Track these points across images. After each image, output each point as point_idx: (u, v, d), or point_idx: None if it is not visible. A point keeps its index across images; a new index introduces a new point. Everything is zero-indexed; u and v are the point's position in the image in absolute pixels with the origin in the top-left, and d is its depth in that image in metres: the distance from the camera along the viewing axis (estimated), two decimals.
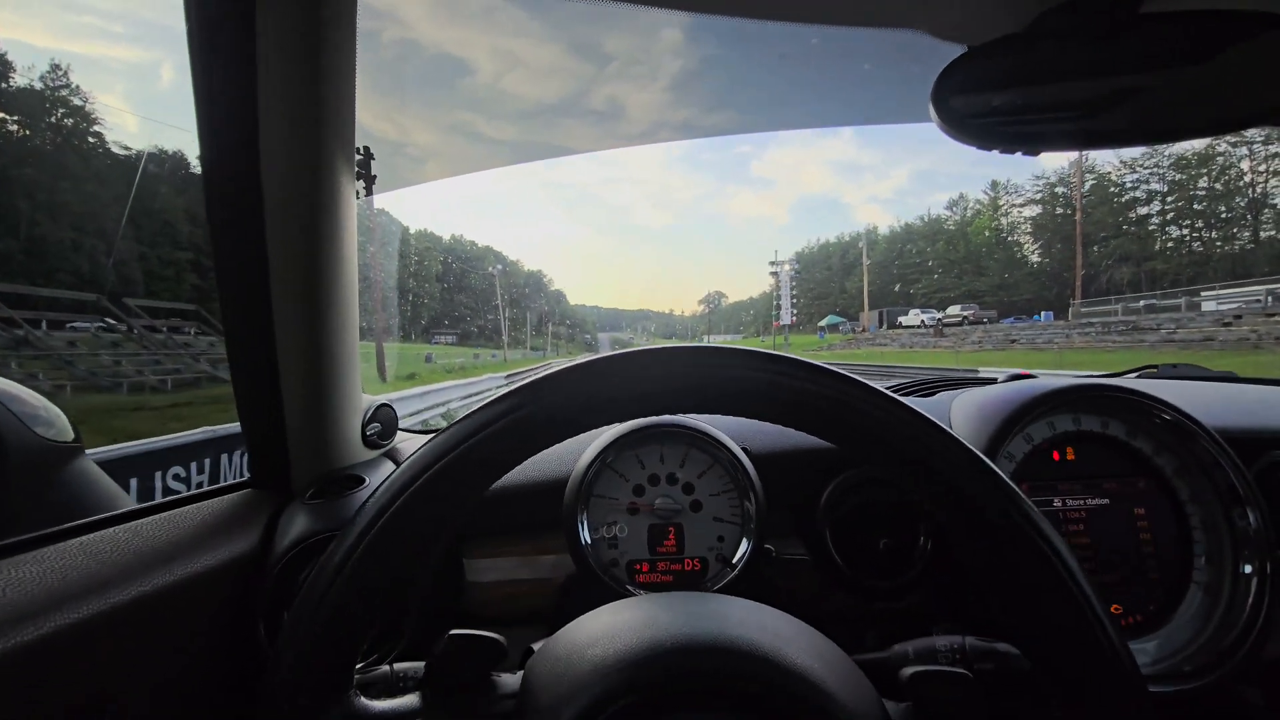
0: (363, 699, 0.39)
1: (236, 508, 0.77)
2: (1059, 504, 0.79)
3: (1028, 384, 0.85)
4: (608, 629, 0.39)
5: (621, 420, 0.39)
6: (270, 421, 0.79)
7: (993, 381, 1.00)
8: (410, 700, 0.40)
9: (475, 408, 0.38)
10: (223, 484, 0.83)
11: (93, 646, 0.53)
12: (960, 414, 0.85)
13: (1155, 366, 1.35)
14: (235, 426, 0.80)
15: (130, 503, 0.80)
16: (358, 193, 0.83)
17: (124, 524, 0.66)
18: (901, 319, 42.34)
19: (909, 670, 0.39)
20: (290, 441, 0.80)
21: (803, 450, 0.83)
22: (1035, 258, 52.62)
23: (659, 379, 0.38)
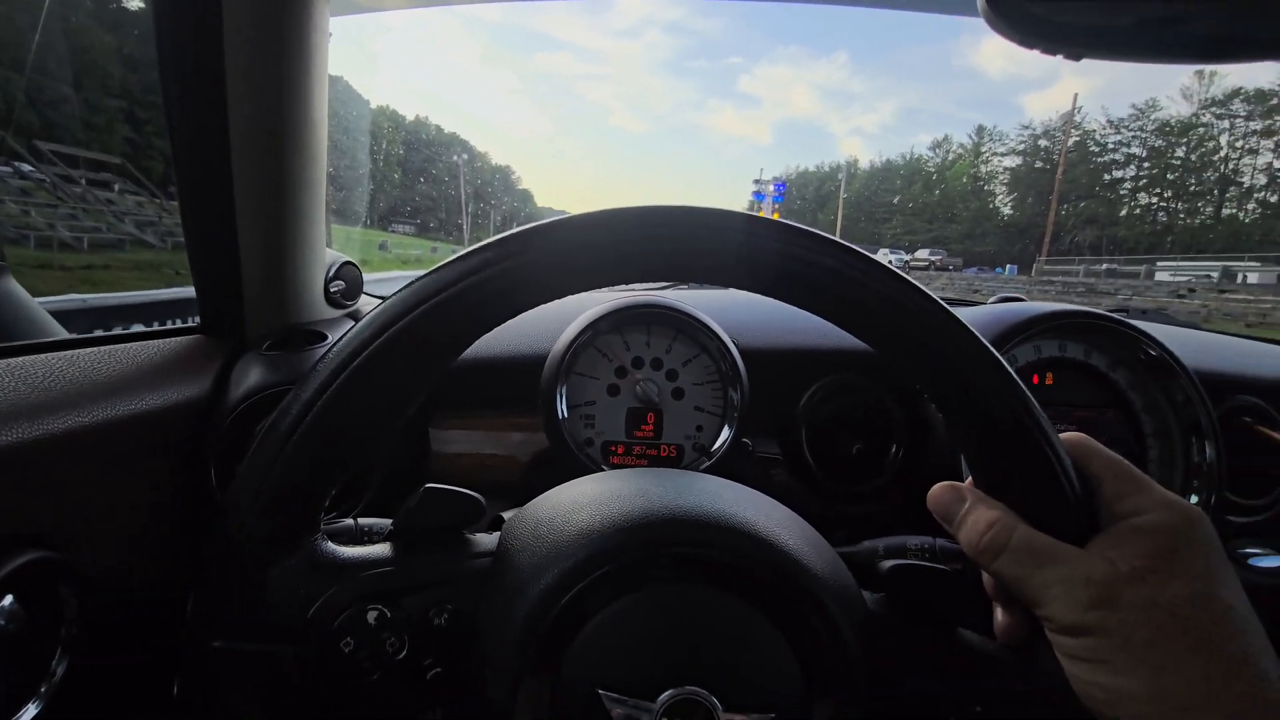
0: (330, 544, 0.37)
1: (185, 351, 0.72)
2: None
3: (1018, 306, 0.85)
4: (595, 496, 0.38)
5: (625, 282, 0.35)
6: (224, 265, 0.73)
7: (979, 303, 1.00)
8: (380, 550, 0.38)
9: (457, 255, 0.34)
10: (167, 326, 0.77)
11: (22, 476, 0.49)
12: None
13: (1126, 310, 1.37)
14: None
15: (63, 334, 0.74)
16: None
17: (59, 351, 0.61)
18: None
19: (889, 563, 0.39)
20: (246, 288, 0.75)
21: (788, 350, 0.81)
22: (1007, 210, 53.06)
23: (687, 241, 0.34)
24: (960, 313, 0.87)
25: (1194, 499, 0.77)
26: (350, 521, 0.50)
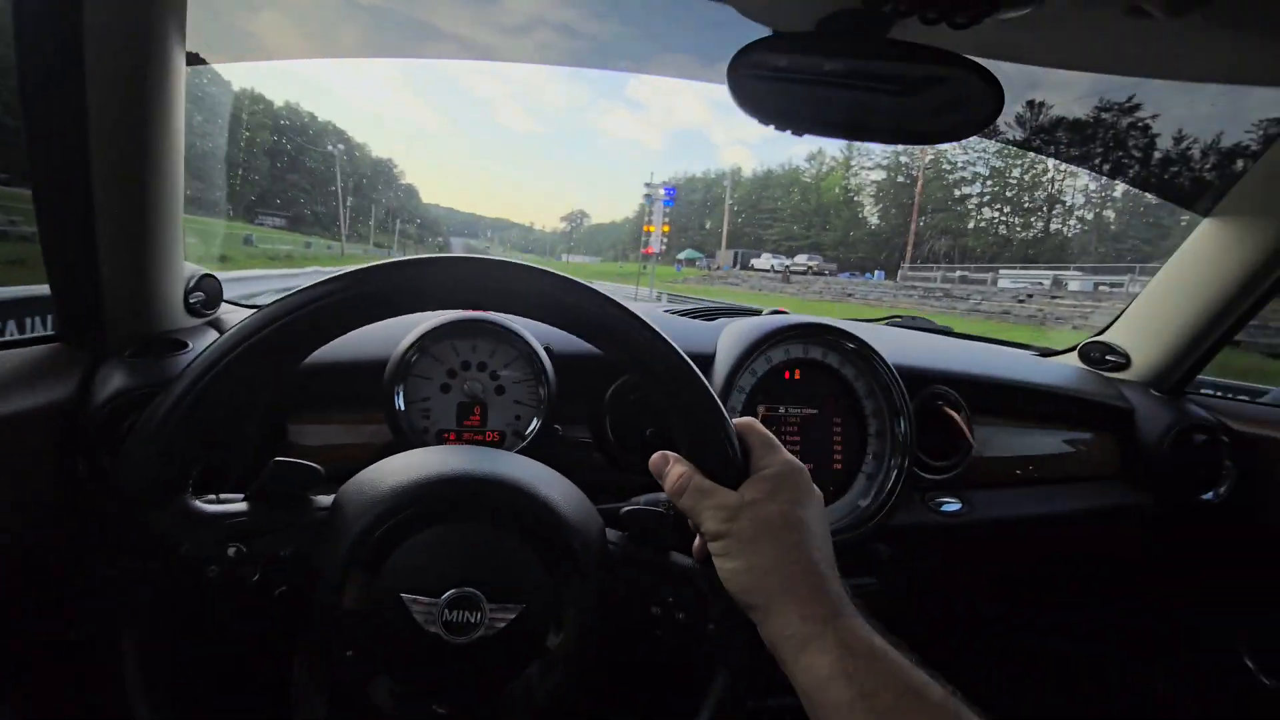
0: (196, 501, 0.50)
1: (45, 359, 0.79)
2: (783, 410, 1.04)
3: (776, 318, 1.09)
4: (407, 464, 0.53)
5: (428, 310, 0.51)
6: (84, 275, 0.79)
7: (759, 313, 1.24)
8: (237, 506, 0.51)
9: (305, 285, 0.48)
10: (21, 336, 0.83)
11: None
12: (725, 336, 1.07)
13: (900, 316, 1.70)
14: None
15: None
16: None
17: None
18: (754, 261, 44.70)
19: (625, 508, 0.57)
20: (106, 298, 0.81)
21: (595, 354, 0.99)
22: (874, 220, 57.37)
23: (460, 281, 0.51)
24: (739, 322, 1.11)
25: (894, 461, 1.04)
26: (213, 496, 0.63)
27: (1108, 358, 1.45)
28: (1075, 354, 1.52)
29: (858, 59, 0.83)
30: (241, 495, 0.54)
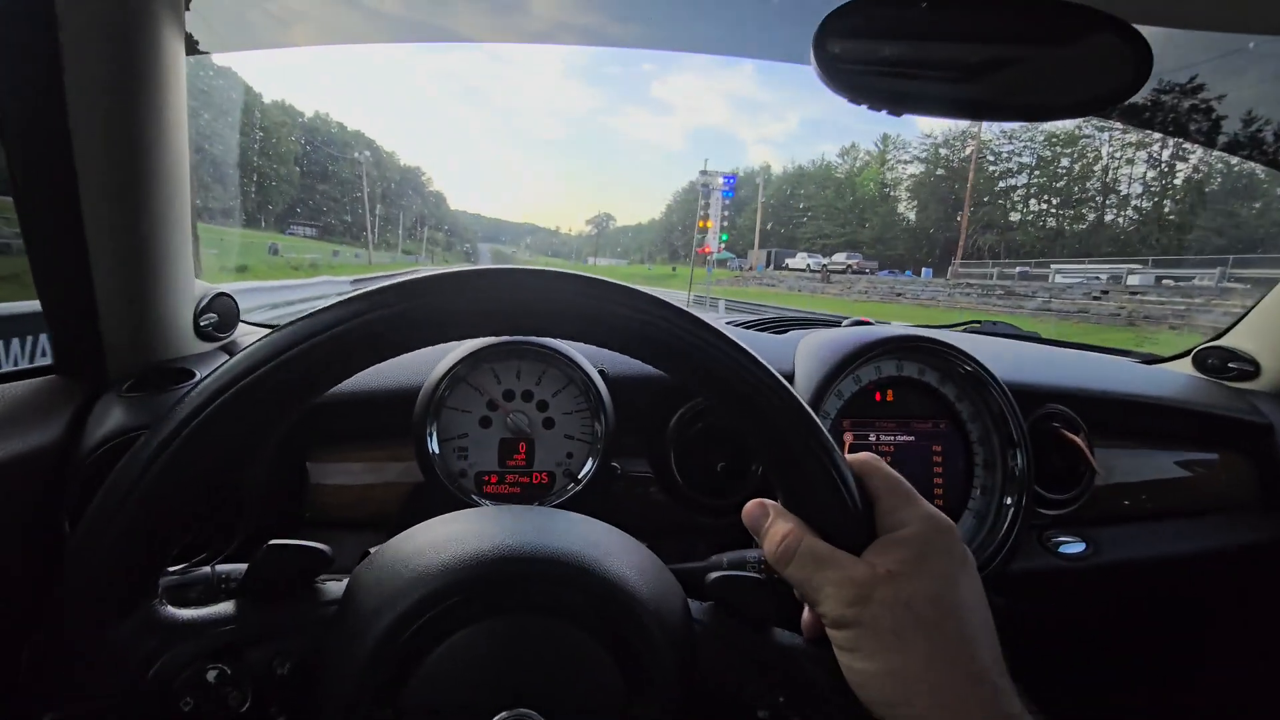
0: (169, 608, 0.38)
1: (35, 395, 0.69)
2: (874, 438, 0.89)
3: (863, 330, 0.94)
4: (434, 540, 0.41)
5: (463, 337, 0.39)
6: (78, 299, 0.70)
7: (838, 323, 1.10)
8: (223, 608, 0.39)
9: (327, 304, 0.36)
10: (17, 368, 0.74)
11: None
12: (804, 352, 0.92)
13: (979, 322, 1.52)
14: None
15: None
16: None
17: None
18: (789, 261, 44.00)
19: (712, 575, 0.45)
20: (104, 325, 0.72)
21: (655, 377, 0.87)
22: (913, 215, 56.01)
23: (506, 299, 0.38)
24: (817, 335, 0.95)
25: (1008, 499, 0.88)
26: (208, 570, 0.51)
27: (1230, 365, 1.26)
28: (1188, 360, 1.33)
29: (968, 17, 0.68)
30: (242, 569, 0.43)
